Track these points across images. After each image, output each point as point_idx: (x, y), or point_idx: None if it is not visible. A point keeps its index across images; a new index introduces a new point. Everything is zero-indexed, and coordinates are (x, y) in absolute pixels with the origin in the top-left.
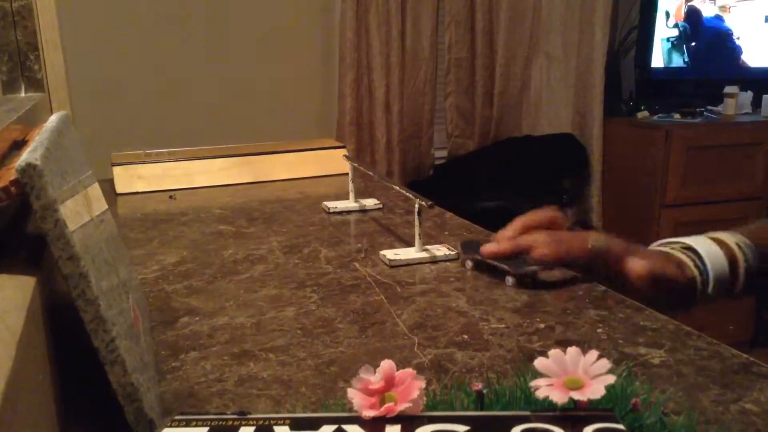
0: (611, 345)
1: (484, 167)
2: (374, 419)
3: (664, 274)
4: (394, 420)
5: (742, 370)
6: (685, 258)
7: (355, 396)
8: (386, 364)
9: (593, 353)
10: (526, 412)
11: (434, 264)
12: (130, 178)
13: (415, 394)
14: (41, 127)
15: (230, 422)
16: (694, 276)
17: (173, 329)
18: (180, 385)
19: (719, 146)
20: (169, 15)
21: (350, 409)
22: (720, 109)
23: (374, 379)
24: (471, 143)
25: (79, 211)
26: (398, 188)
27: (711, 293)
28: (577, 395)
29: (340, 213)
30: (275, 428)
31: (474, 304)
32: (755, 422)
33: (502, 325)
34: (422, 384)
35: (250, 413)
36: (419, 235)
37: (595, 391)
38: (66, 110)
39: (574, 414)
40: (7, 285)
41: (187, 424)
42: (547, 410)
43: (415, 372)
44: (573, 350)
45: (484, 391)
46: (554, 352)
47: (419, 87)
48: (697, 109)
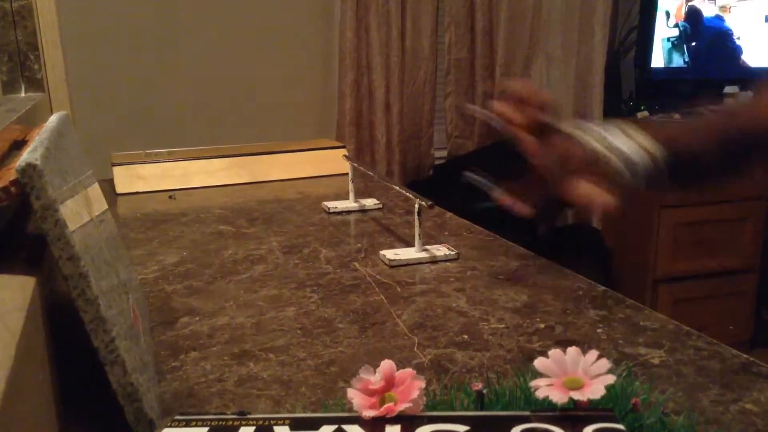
0: (611, 345)
1: (484, 167)
2: (374, 419)
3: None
4: (394, 420)
5: (742, 370)
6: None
7: (355, 396)
8: (386, 364)
9: (593, 353)
10: (526, 412)
11: (434, 264)
12: (130, 178)
13: (415, 394)
14: (41, 127)
15: (230, 422)
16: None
17: (173, 329)
18: (180, 385)
19: None
20: (169, 15)
21: (350, 409)
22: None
23: (374, 379)
24: (471, 143)
25: (79, 211)
26: (398, 188)
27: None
28: (577, 395)
29: (340, 213)
30: (275, 428)
31: (474, 304)
32: (755, 422)
33: (502, 325)
34: (422, 384)
35: (250, 413)
36: (419, 235)
37: (595, 391)
38: (66, 110)
39: (574, 414)
40: (7, 285)
41: (187, 424)
42: (547, 410)
43: (415, 372)
44: (573, 350)
45: (484, 391)
46: (554, 352)
47: (419, 87)
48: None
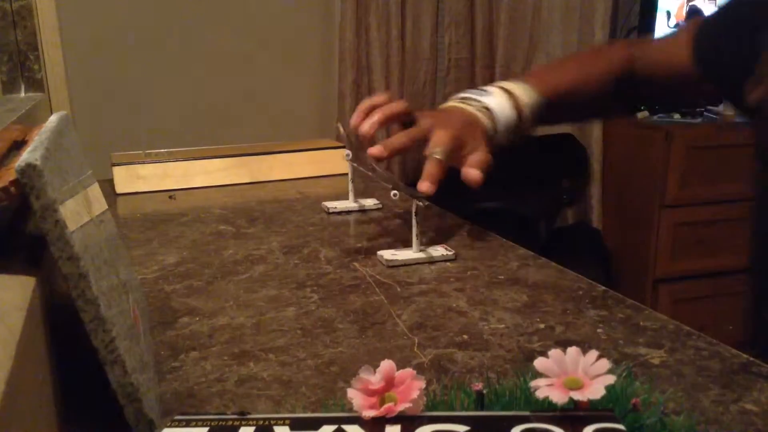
0: (611, 345)
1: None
2: (374, 419)
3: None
4: (394, 420)
5: (742, 370)
6: (483, 118)
7: (355, 396)
8: (386, 364)
9: (593, 353)
10: (526, 412)
11: (433, 264)
12: (130, 178)
13: (415, 395)
14: (41, 127)
15: (230, 422)
16: (487, 129)
17: (173, 329)
18: (180, 385)
19: (719, 146)
20: (169, 15)
21: (350, 410)
22: (720, 109)
23: (374, 379)
24: None
25: (79, 211)
26: (397, 188)
27: (499, 140)
28: (577, 395)
29: (340, 213)
30: (275, 428)
31: (474, 304)
32: (755, 422)
33: (502, 326)
34: (422, 384)
35: (250, 413)
36: (416, 235)
37: (595, 391)
38: (66, 110)
39: (574, 414)
40: (7, 285)
41: (187, 424)
42: (547, 410)
43: (415, 372)
44: (573, 350)
45: (484, 391)
46: (554, 352)
47: (419, 87)
48: (697, 109)
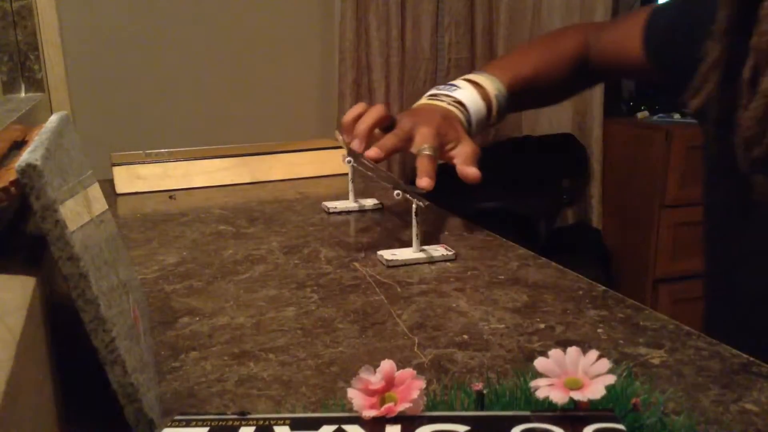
0: (611, 345)
1: (483, 167)
2: (374, 419)
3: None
4: (394, 420)
5: (742, 370)
6: (457, 112)
7: (355, 396)
8: (386, 364)
9: (593, 353)
10: (526, 412)
11: (434, 264)
12: (130, 178)
13: (415, 394)
14: (41, 127)
15: (230, 422)
16: (462, 123)
17: (173, 329)
18: (180, 385)
19: None
20: (169, 15)
21: (350, 409)
22: None
23: (374, 379)
24: None
25: (79, 211)
26: (398, 188)
27: (473, 132)
28: (577, 395)
29: (340, 213)
30: (275, 428)
31: (474, 304)
32: (755, 422)
33: (502, 325)
34: (422, 384)
35: (250, 413)
36: (416, 235)
37: (595, 391)
38: (66, 110)
39: (574, 414)
40: (7, 285)
41: (187, 424)
42: (547, 410)
43: (415, 372)
44: (573, 350)
45: (485, 391)
46: (554, 352)
47: (419, 87)
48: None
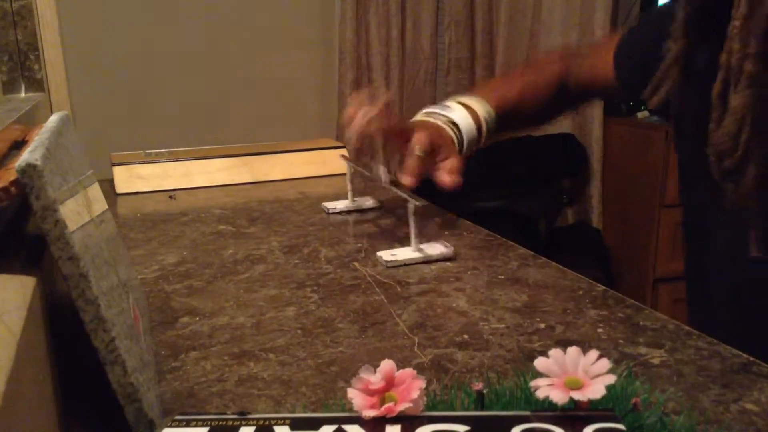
0: (611, 345)
1: (483, 167)
2: (374, 419)
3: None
4: (394, 420)
5: (742, 370)
6: (450, 132)
7: (355, 396)
8: (386, 364)
9: (593, 353)
10: (526, 412)
11: (434, 264)
12: (130, 178)
13: (415, 394)
14: (41, 127)
15: (230, 422)
16: (454, 142)
17: (173, 329)
18: (180, 385)
19: None
20: (169, 15)
21: (350, 409)
22: None
23: (374, 379)
24: None
25: (79, 211)
26: (395, 189)
27: (464, 152)
28: (577, 395)
29: (340, 213)
30: (275, 428)
31: (474, 303)
32: (755, 422)
33: (503, 325)
34: (422, 384)
35: (250, 413)
36: (414, 235)
37: (596, 391)
38: (66, 110)
39: (574, 414)
40: (7, 285)
41: (188, 424)
42: (547, 410)
43: (415, 372)
44: (573, 350)
45: (485, 391)
46: (554, 352)
47: (419, 87)
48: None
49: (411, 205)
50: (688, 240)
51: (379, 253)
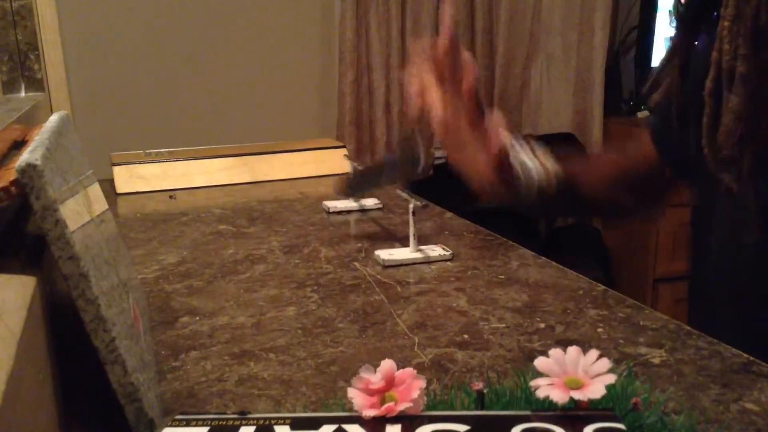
0: (611, 345)
1: None
2: (374, 419)
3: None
4: (394, 420)
5: (743, 370)
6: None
7: (355, 396)
8: (387, 364)
9: (593, 353)
10: (527, 412)
11: (435, 264)
12: (130, 178)
13: (415, 394)
14: (41, 127)
15: (230, 422)
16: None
17: (173, 329)
18: (180, 384)
19: None
20: (169, 15)
21: (350, 409)
22: None
23: (375, 378)
24: None
25: (79, 211)
26: (397, 190)
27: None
28: (577, 395)
29: (340, 213)
30: (275, 428)
31: (474, 303)
32: (755, 422)
33: (503, 325)
34: (423, 384)
35: (250, 413)
36: (414, 235)
37: (596, 390)
38: (66, 110)
39: (574, 414)
40: (8, 285)
41: (188, 423)
42: (547, 410)
43: (415, 372)
44: (573, 350)
45: (485, 391)
46: (554, 351)
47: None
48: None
49: (412, 205)
50: (694, 238)
51: (377, 252)
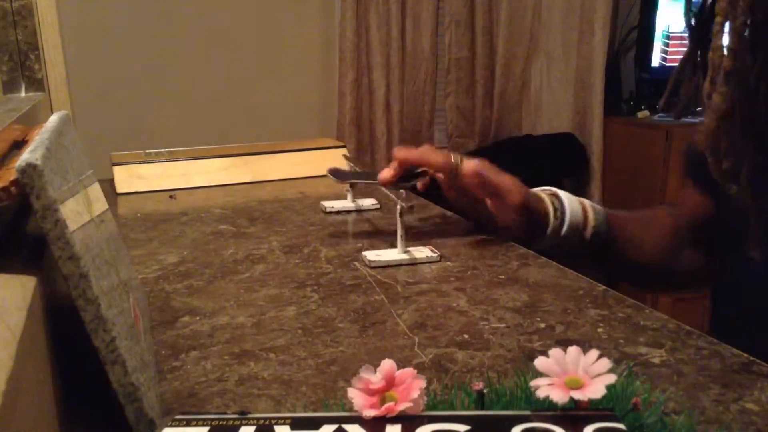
0: (612, 344)
1: None
2: (374, 419)
3: (529, 202)
4: (394, 420)
5: (743, 370)
6: (546, 198)
7: (355, 396)
8: (387, 364)
9: (594, 353)
10: (527, 412)
11: (435, 264)
12: (130, 178)
13: (415, 394)
14: (41, 127)
15: (231, 422)
16: (548, 212)
17: (173, 329)
18: (180, 384)
19: None
20: (169, 15)
21: (351, 409)
22: None
23: (375, 378)
24: (471, 143)
25: (79, 211)
26: (385, 190)
27: (564, 234)
28: (577, 395)
29: (339, 213)
30: (276, 428)
31: (474, 303)
32: (755, 422)
33: (503, 325)
34: (423, 383)
35: (250, 413)
36: (401, 236)
37: (596, 390)
38: (66, 110)
39: (574, 414)
40: (8, 285)
41: (188, 423)
42: (547, 410)
43: (415, 371)
44: (573, 350)
45: (485, 391)
46: (554, 351)
47: (419, 87)
48: (698, 109)
49: (399, 207)
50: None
51: (364, 253)
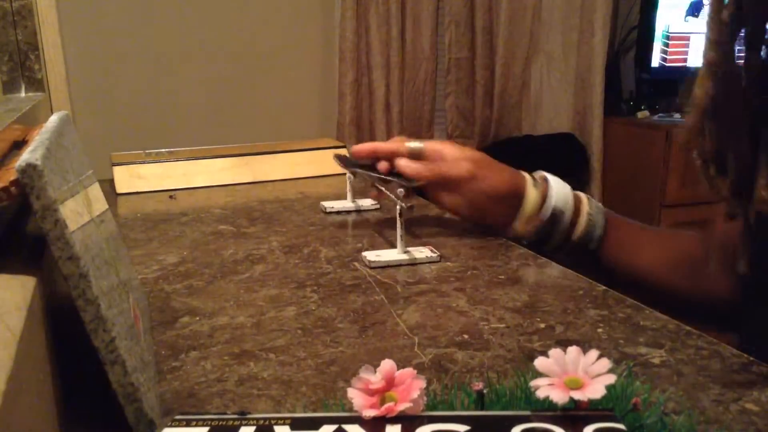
0: (612, 345)
1: None
2: (374, 419)
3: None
4: (394, 420)
5: (743, 370)
6: (527, 175)
7: (355, 396)
8: (386, 364)
9: (593, 353)
10: (527, 412)
11: (435, 264)
12: (130, 178)
13: (415, 394)
14: (41, 127)
15: (230, 422)
16: (526, 185)
17: (173, 329)
18: (180, 385)
19: None
20: (169, 15)
21: (350, 409)
22: None
23: (374, 378)
24: (471, 143)
25: (79, 211)
26: (382, 188)
27: (555, 209)
28: (577, 395)
29: (339, 213)
30: (275, 428)
31: (474, 303)
32: (755, 422)
33: (503, 325)
34: (423, 384)
35: (250, 413)
36: (401, 236)
37: (596, 390)
38: (66, 110)
39: (574, 414)
40: (8, 285)
41: (188, 424)
42: (547, 410)
43: (415, 372)
44: (573, 350)
45: (485, 391)
46: (554, 351)
47: (419, 87)
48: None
49: (398, 207)
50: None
51: (364, 253)
